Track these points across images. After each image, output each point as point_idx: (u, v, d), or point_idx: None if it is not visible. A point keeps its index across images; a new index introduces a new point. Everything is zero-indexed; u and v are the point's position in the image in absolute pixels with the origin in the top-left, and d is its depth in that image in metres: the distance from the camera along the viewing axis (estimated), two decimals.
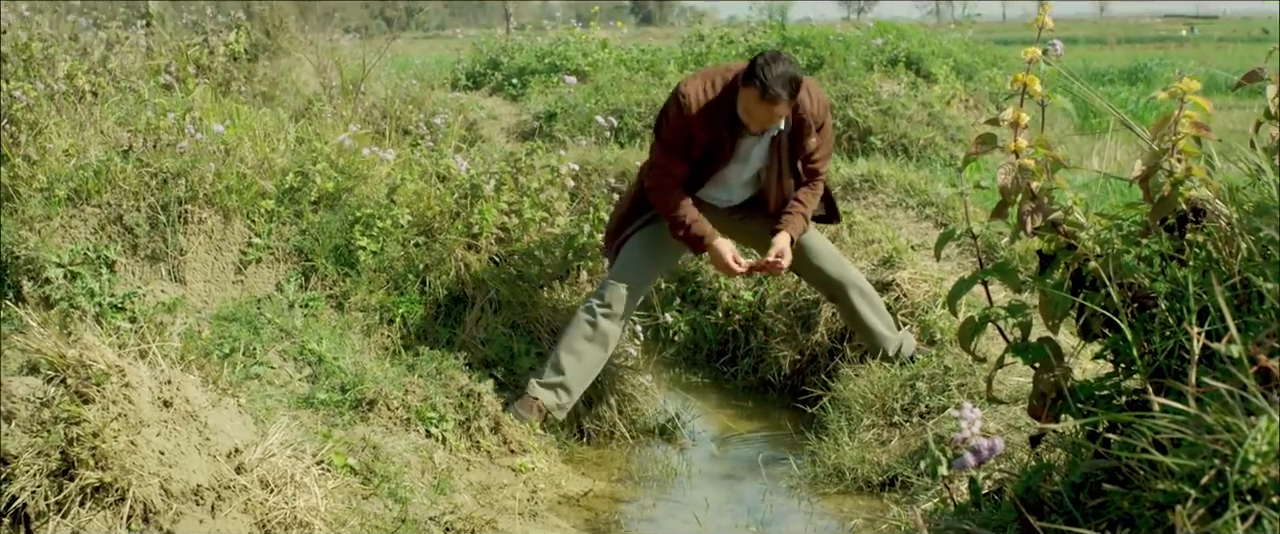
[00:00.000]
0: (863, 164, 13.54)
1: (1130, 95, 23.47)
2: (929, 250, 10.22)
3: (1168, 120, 4.57)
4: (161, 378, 5.11)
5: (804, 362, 10.00)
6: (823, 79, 17.21)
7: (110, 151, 9.21)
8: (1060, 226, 4.75)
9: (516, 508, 7.03)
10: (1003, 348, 4.99)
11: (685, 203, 7.99)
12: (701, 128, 7.78)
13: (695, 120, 7.76)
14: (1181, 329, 3.99)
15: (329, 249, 8.99)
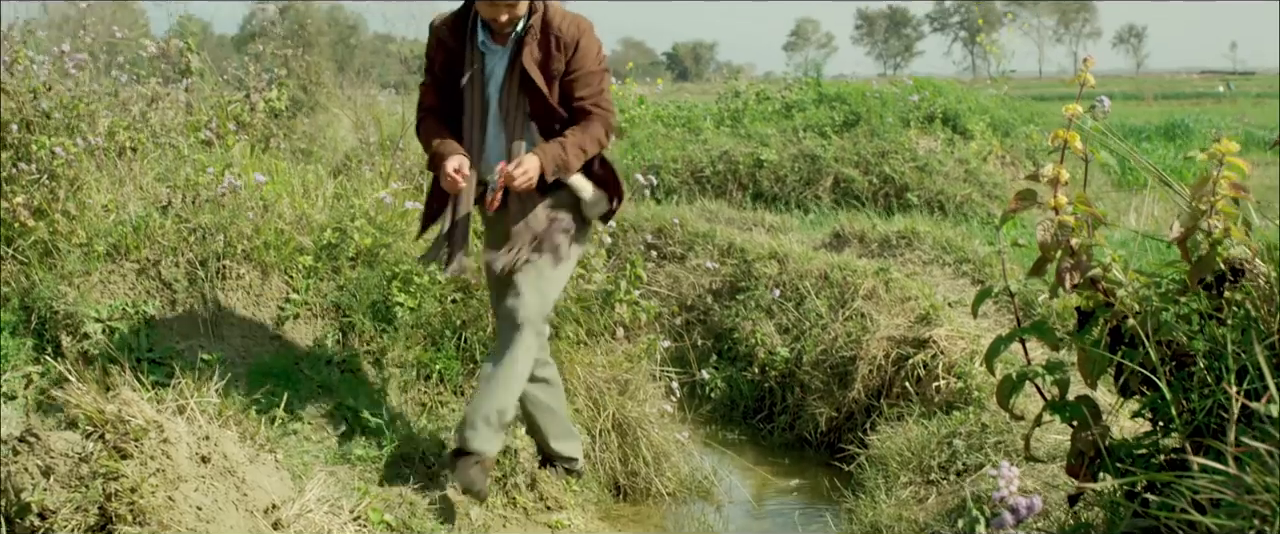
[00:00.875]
0: (900, 220, 13.56)
1: (1167, 152, 23.42)
2: (966, 307, 10.20)
3: (1206, 181, 4.56)
4: (199, 433, 5.12)
5: (840, 418, 9.99)
6: (859, 135, 17.24)
7: (149, 207, 9.25)
8: (1099, 284, 4.74)
9: None
10: (1041, 406, 4.98)
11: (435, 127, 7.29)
12: (444, 38, 7.17)
13: (438, 32, 7.20)
14: (1220, 388, 3.97)
15: (366, 305, 9.01)
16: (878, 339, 10.05)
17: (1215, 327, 4.30)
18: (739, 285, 11.75)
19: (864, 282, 10.80)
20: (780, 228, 14.19)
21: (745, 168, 16.90)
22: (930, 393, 9.24)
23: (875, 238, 12.86)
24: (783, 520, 8.61)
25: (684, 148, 17.47)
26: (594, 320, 9.27)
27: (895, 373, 9.77)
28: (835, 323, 10.55)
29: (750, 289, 11.56)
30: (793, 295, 11.22)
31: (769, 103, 19.91)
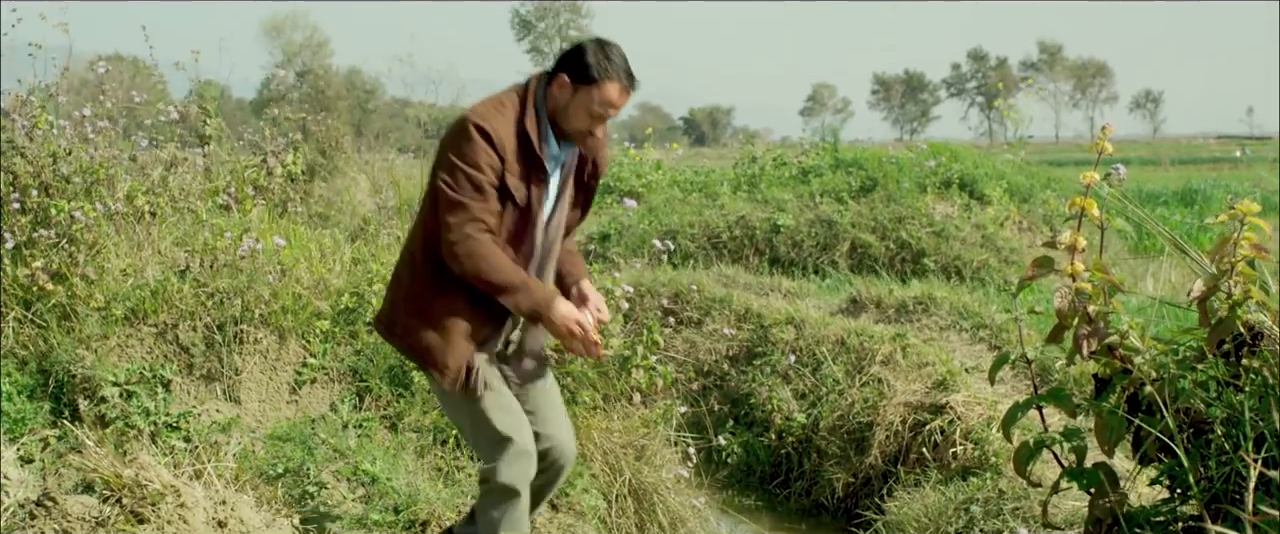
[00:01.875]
0: (916, 286, 13.56)
1: (1184, 217, 23.43)
2: (983, 373, 10.19)
3: (1227, 242, 4.57)
4: (216, 498, 5.13)
5: (857, 484, 9.98)
6: (876, 200, 17.27)
7: (167, 271, 9.28)
8: (1116, 351, 4.74)
9: None
10: (1058, 472, 4.97)
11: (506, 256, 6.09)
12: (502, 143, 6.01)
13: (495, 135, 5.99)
14: (1238, 456, 3.97)
15: (383, 370, 9.01)
16: (894, 405, 10.04)
17: (1233, 394, 4.30)
18: (755, 350, 11.75)
19: (881, 347, 10.80)
20: (797, 293, 14.20)
21: (762, 233, 16.92)
22: (947, 459, 9.23)
23: (892, 303, 12.86)
24: None
25: (701, 213, 17.51)
26: (611, 385, 9.26)
27: (912, 439, 9.76)
28: (852, 388, 10.54)
29: (767, 354, 11.56)
30: (809, 361, 11.22)
31: (786, 168, 19.96)
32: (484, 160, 5.89)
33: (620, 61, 6.09)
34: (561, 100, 6.07)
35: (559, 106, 6.08)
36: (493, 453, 6.04)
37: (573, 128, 6.12)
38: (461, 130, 5.92)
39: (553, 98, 6.09)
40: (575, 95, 6.04)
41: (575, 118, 6.09)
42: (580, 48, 6.09)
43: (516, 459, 6.04)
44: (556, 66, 6.10)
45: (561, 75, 6.05)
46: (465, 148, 5.90)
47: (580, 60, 6.04)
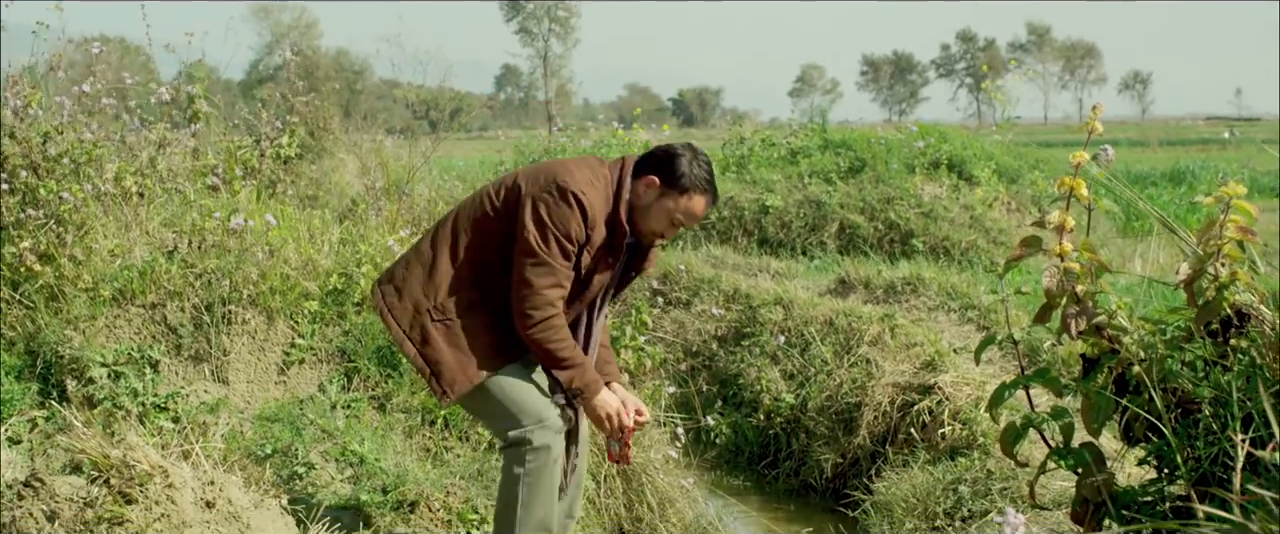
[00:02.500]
0: (905, 267, 13.58)
1: (1173, 197, 23.46)
2: (971, 353, 10.20)
3: (1213, 224, 4.57)
4: (204, 478, 5.13)
5: (846, 464, 9.99)
6: (864, 182, 17.27)
7: (155, 252, 9.27)
8: (1104, 331, 4.74)
9: None
10: (1045, 453, 4.98)
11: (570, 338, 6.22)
12: (594, 223, 6.10)
13: (592, 212, 6.07)
14: (1225, 436, 3.97)
15: (372, 350, 9.01)
16: (883, 385, 10.05)
17: (1220, 373, 4.30)
18: (744, 331, 11.76)
19: (869, 328, 10.81)
20: (785, 274, 14.21)
21: (750, 214, 16.92)
22: (935, 439, 9.24)
23: (880, 284, 12.87)
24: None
25: None
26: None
27: (900, 419, 9.77)
28: (840, 369, 10.55)
29: (755, 335, 11.57)
30: (798, 341, 11.23)
31: (774, 149, 19.93)
32: (574, 231, 5.96)
33: (710, 174, 6.19)
34: (646, 199, 6.15)
35: (641, 204, 6.16)
36: (521, 419, 6.04)
37: (648, 228, 6.22)
38: (562, 194, 5.95)
39: (637, 194, 6.15)
40: (660, 199, 6.14)
41: (655, 219, 6.18)
42: (675, 153, 6.16)
43: (544, 426, 6.05)
44: (647, 165, 6.18)
45: (651, 176, 6.13)
46: (562, 212, 5.93)
47: (673, 166, 6.11)
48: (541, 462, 6.02)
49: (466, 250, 6.16)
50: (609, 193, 6.09)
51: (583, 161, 6.21)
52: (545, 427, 6.01)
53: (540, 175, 6.08)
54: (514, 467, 6.02)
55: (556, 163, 6.21)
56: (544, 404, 6.06)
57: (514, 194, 6.10)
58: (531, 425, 5.99)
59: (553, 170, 6.08)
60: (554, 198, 5.94)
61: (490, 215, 6.15)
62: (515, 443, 6.00)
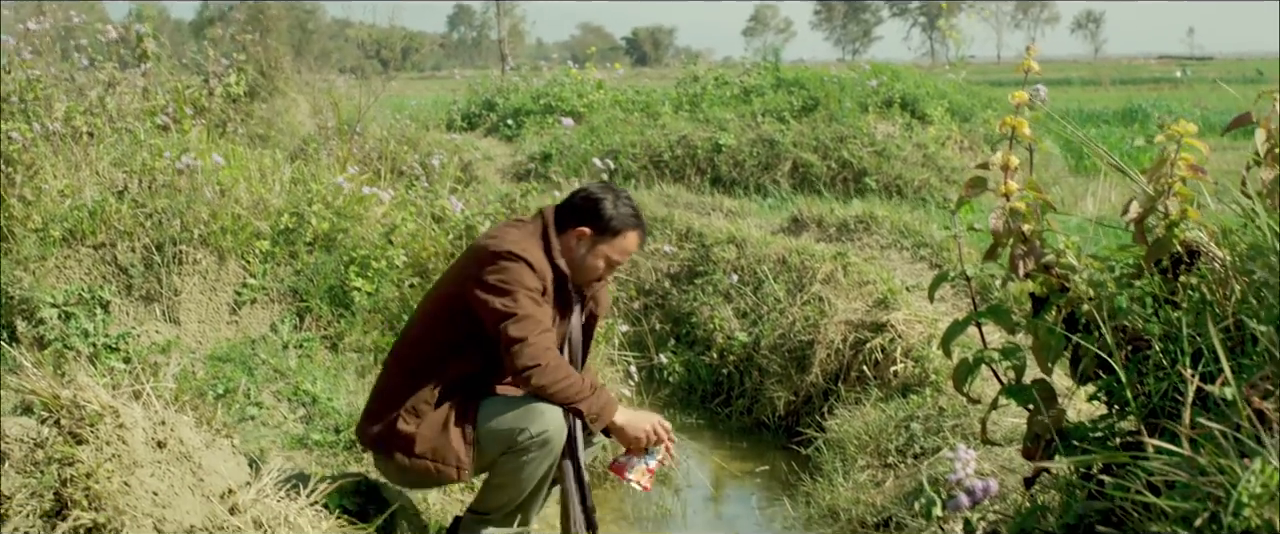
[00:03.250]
0: (858, 205, 13.61)
1: (1125, 136, 23.51)
2: (924, 291, 10.22)
3: (1163, 162, 4.57)
4: (155, 418, 5.10)
5: (799, 402, 10.01)
6: (818, 120, 17.28)
7: (105, 192, 9.22)
8: (1053, 269, 4.75)
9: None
10: (997, 389, 4.99)
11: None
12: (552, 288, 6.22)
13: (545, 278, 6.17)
14: (1175, 371, 3.99)
15: (323, 290, 8.99)
16: (835, 323, 10.06)
17: (1170, 310, 4.32)
18: (697, 270, 11.76)
19: (822, 266, 10.82)
20: (738, 212, 14.22)
21: (703, 152, 16.91)
22: (888, 377, 9.26)
23: (833, 222, 12.89)
24: (741, 505, 8.62)
25: (642, 132, 17.48)
26: None
27: (853, 357, 9.79)
28: (793, 307, 10.57)
29: (708, 273, 11.58)
30: (751, 280, 11.24)
31: (727, 88, 19.93)
32: (530, 281, 6.05)
33: (634, 208, 6.38)
34: (580, 251, 6.30)
35: (576, 257, 6.31)
36: (520, 419, 6.11)
37: (587, 276, 6.38)
38: (502, 256, 6.05)
39: (569, 247, 6.28)
40: (595, 246, 6.29)
41: (592, 267, 6.34)
42: (596, 199, 6.30)
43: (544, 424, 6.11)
44: (571, 216, 6.31)
45: (581, 228, 6.26)
46: (514, 271, 6.03)
47: (599, 212, 6.26)
48: (544, 452, 6.14)
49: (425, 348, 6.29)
50: (541, 248, 6.21)
51: (505, 227, 6.38)
52: (545, 423, 6.08)
53: (471, 259, 6.23)
54: (520, 456, 6.13)
55: (480, 238, 6.37)
56: (536, 409, 6.11)
57: (455, 287, 6.23)
58: (535, 429, 6.07)
59: (481, 245, 6.22)
60: (497, 263, 6.05)
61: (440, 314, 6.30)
62: (526, 444, 6.10)
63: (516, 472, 6.16)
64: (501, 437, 6.11)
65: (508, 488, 6.24)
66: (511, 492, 6.25)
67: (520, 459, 6.13)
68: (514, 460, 6.13)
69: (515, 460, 6.13)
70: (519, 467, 6.16)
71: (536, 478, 6.24)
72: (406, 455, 6.13)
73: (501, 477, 6.21)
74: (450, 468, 6.13)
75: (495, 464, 6.18)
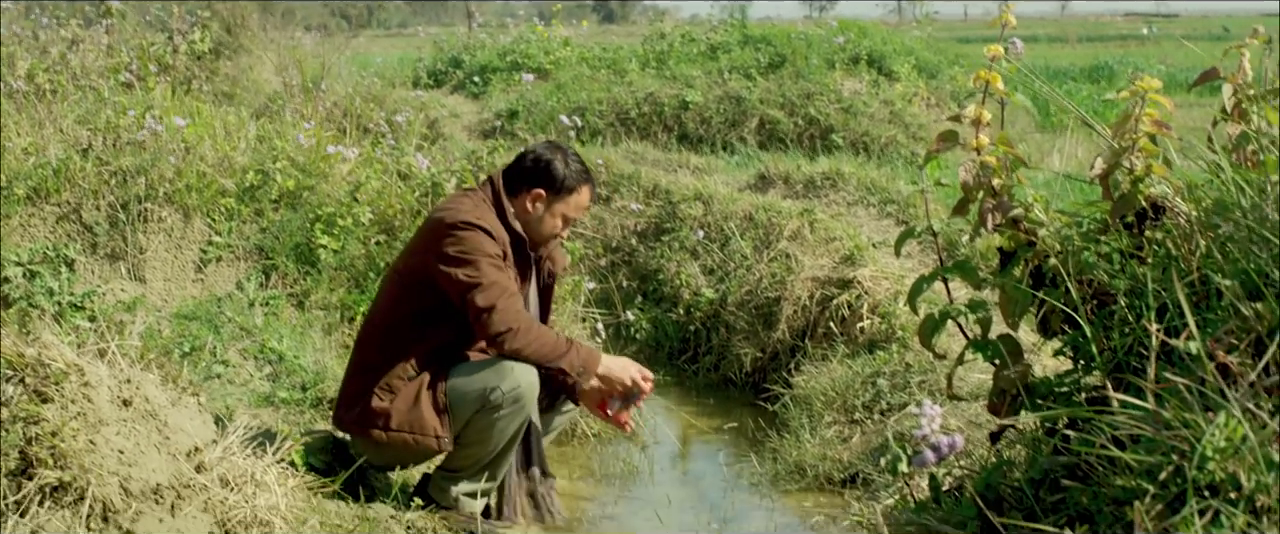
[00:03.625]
0: (824, 162, 13.60)
1: (1091, 93, 23.52)
2: (890, 248, 10.24)
3: (1129, 118, 4.58)
4: (121, 377, 5.08)
5: (765, 359, 10.02)
6: (784, 77, 17.26)
7: (70, 150, 9.17)
8: (1021, 224, 4.76)
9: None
10: (963, 345, 5.00)
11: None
12: (511, 253, 6.30)
13: (503, 244, 6.23)
14: (1141, 326, 4.00)
15: (289, 247, 8.97)
16: (802, 280, 10.07)
17: (1136, 265, 4.33)
18: (664, 227, 11.76)
19: (789, 223, 10.82)
20: (705, 169, 14.21)
21: (670, 109, 16.88)
22: (855, 333, 9.28)
23: (800, 179, 12.89)
24: (708, 460, 8.63)
25: (609, 90, 17.44)
26: None
27: (820, 313, 9.80)
28: (760, 264, 10.57)
29: (675, 230, 11.58)
30: (717, 236, 11.24)
31: (694, 44, 19.91)
32: (492, 249, 6.11)
33: (583, 163, 6.51)
34: (536, 212, 6.39)
35: (532, 218, 6.40)
36: (490, 378, 6.16)
37: (544, 235, 6.48)
38: (462, 228, 6.10)
39: (524, 209, 6.38)
40: (551, 205, 6.39)
41: (549, 226, 6.44)
42: (545, 159, 6.39)
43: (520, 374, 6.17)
44: (522, 178, 6.40)
45: (536, 190, 6.35)
46: (473, 241, 6.09)
47: (551, 172, 6.35)
48: (515, 409, 6.18)
49: (389, 323, 6.34)
50: (495, 214, 6.29)
51: (456, 198, 6.46)
52: (516, 379, 6.13)
53: (428, 234, 6.27)
54: (492, 414, 6.17)
55: (435, 210, 6.43)
56: (506, 366, 6.17)
57: (417, 261, 6.30)
58: (506, 386, 6.11)
59: (436, 219, 6.26)
60: (454, 235, 6.10)
61: (406, 291, 6.34)
62: (497, 401, 6.14)
63: (488, 429, 6.21)
64: (473, 397, 6.16)
65: (479, 445, 6.29)
66: (482, 449, 6.30)
67: (491, 417, 6.17)
68: (486, 418, 6.17)
69: (487, 418, 6.17)
70: (490, 424, 6.20)
71: (508, 435, 6.29)
72: (383, 430, 6.17)
73: (473, 434, 6.25)
74: (429, 439, 6.18)
75: (468, 423, 6.22)
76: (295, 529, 5.42)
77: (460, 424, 6.24)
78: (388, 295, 6.46)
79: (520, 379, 6.13)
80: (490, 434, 6.23)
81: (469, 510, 6.47)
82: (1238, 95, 4.58)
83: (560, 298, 9.13)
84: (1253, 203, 4.03)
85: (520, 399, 6.15)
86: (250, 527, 5.17)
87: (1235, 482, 3.18)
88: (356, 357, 6.47)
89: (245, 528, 5.15)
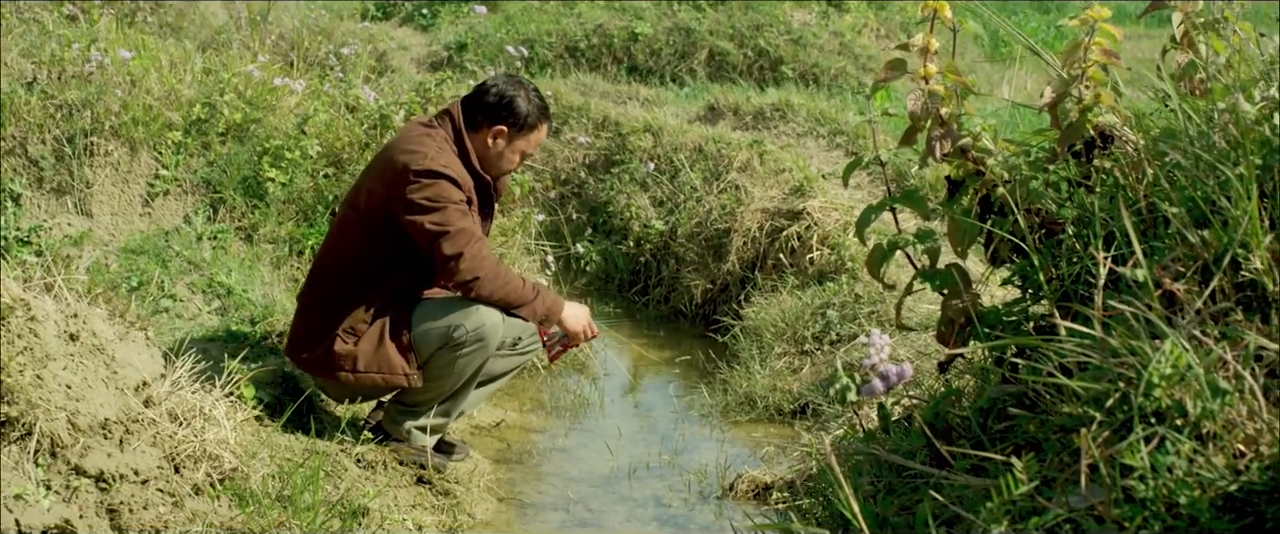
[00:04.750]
0: (774, 93, 13.60)
1: (1041, 23, 23.52)
2: (839, 179, 10.25)
3: (1077, 47, 4.58)
4: (68, 312, 5.06)
5: (715, 290, 10.05)
6: (734, 9, 17.21)
7: (14, 83, 9.09)
8: (969, 153, 4.76)
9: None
10: (912, 275, 5.01)
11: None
12: (472, 193, 6.41)
13: (465, 185, 6.34)
14: (1088, 254, 4.01)
15: (237, 181, 8.92)
16: (752, 211, 10.09)
17: (1084, 194, 4.33)
18: (613, 159, 11.75)
19: (738, 154, 10.83)
20: (655, 101, 14.19)
21: (620, 41, 16.83)
22: (804, 264, 9.30)
23: (749, 111, 12.89)
24: (659, 392, 8.65)
25: (558, 21, 17.38)
26: None
27: (769, 245, 9.82)
28: (710, 196, 10.58)
29: (625, 162, 11.57)
30: (667, 168, 11.24)
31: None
32: (457, 196, 6.23)
33: (542, 98, 6.63)
34: (497, 148, 6.53)
35: (492, 153, 6.54)
36: (455, 316, 6.31)
37: (501, 170, 6.67)
38: (427, 176, 6.19)
39: (485, 145, 6.51)
40: (512, 142, 6.54)
41: (509, 160, 6.62)
42: (507, 96, 6.48)
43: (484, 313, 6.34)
44: (484, 113, 6.49)
45: (498, 127, 6.48)
46: (439, 188, 6.19)
47: (514, 109, 6.47)
48: (478, 352, 6.36)
49: (350, 260, 6.42)
50: (458, 152, 6.41)
51: (416, 135, 6.46)
52: (480, 318, 6.30)
53: (390, 177, 6.31)
54: (455, 351, 6.31)
55: (395, 150, 6.43)
56: (470, 305, 6.32)
57: (378, 204, 6.34)
58: (470, 324, 6.27)
59: (400, 163, 6.28)
60: (421, 183, 6.18)
61: (367, 231, 6.39)
62: (461, 339, 6.29)
63: (449, 365, 6.33)
64: (437, 335, 6.29)
65: (438, 381, 6.42)
66: (440, 385, 6.44)
67: (454, 354, 6.30)
68: (448, 354, 6.30)
69: (449, 354, 6.30)
70: (452, 361, 6.32)
71: (468, 372, 6.42)
72: (351, 373, 6.27)
73: (434, 370, 6.38)
74: (398, 377, 6.32)
75: (429, 360, 6.34)
76: (244, 462, 5.41)
77: (422, 360, 6.34)
78: (346, 235, 6.49)
79: (484, 318, 6.26)
80: (451, 371, 6.35)
81: (420, 444, 6.53)
82: (1186, 23, 4.58)
83: (510, 230, 9.12)
84: (1200, 131, 4.04)
85: (483, 338, 6.28)
86: (200, 460, 5.16)
87: (1181, 408, 3.19)
88: (311, 293, 6.50)
89: (195, 462, 5.14)
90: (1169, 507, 3.08)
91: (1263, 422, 3.16)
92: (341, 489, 5.82)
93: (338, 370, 6.26)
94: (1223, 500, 3.06)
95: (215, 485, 5.22)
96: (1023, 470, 3.32)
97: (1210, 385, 3.20)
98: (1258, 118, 3.92)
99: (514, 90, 6.49)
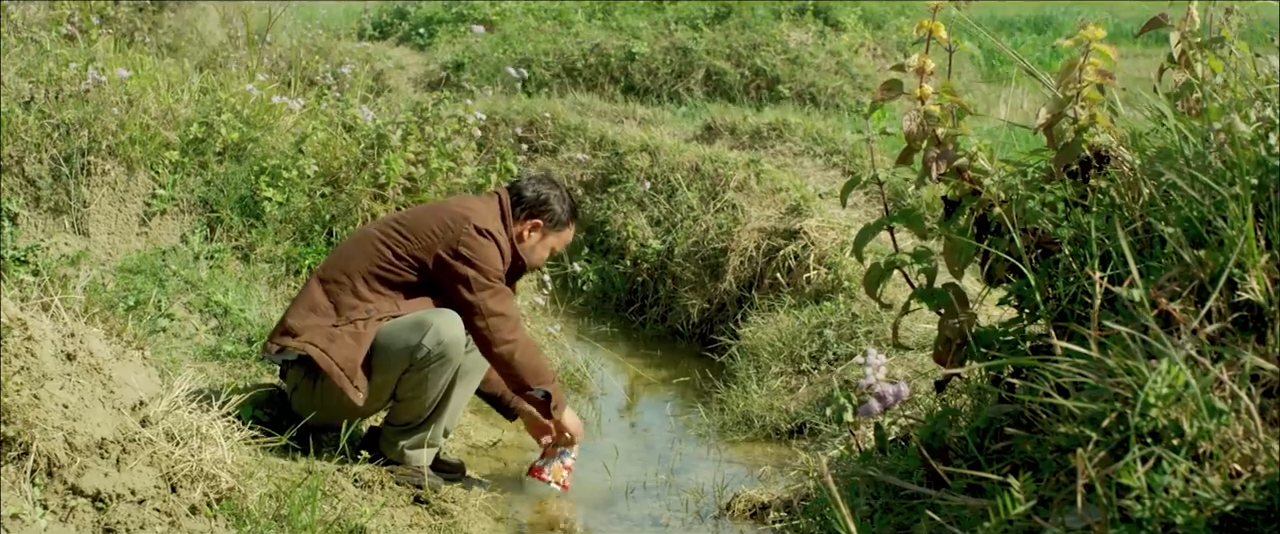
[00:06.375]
0: (770, 113, 13.62)
1: (1037, 44, 23.56)
2: (836, 198, 10.25)
3: (1073, 67, 4.59)
4: (65, 331, 5.06)
5: (712, 310, 10.05)
6: (731, 28, 17.24)
7: (11, 103, 9.09)
8: (965, 173, 4.77)
9: None
10: (909, 294, 5.01)
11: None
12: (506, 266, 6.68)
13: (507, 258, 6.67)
14: (1084, 274, 4.01)
15: (234, 200, 8.92)
16: (749, 231, 10.10)
17: (1080, 214, 4.34)
18: (611, 178, 11.76)
19: (735, 173, 10.84)
20: (652, 120, 14.22)
21: (617, 61, 16.85)
22: (801, 283, 9.30)
23: (746, 130, 12.90)
24: (656, 411, 8.65)
25: (555, 41, 17.41)
26: None
27: (766, 264, 9.82)
28: (706, 215, 10.59)
29: (622, 182, 11.58)
30: (664, 188, 11.25)
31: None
32: (500, 265, 6.57)
33: (573, 204, 7.12)
34: (531, 241, 6.93)
35: (527, 246, 6.90)
36: (413, 336, 6.37)
37: (533, 261, 7.02)
38: (485, 236, 6.53)
39: (522, 237, 6.88)
40: (545, 237, 6.95)
41: (539, 255, 7.02)
42: (544, 197, 6.89)
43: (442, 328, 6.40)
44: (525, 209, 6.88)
45: (536, 221, 6.89)
46: (491, 251, 6.52)
47: (550, 208, 6.89)
48: (442, 363, 6.43)
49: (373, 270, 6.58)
50: (506, 236, 6.72)
51: (479, 201, 6.87)
52: (438, 334, 6.35)
53: (443, 223, 6.58)
54: (420, 371, 6.40)
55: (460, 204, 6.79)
56: (426, 322, 6.39)
57: (420, 245, 6.57)
58: (429, 342, 6.33)
59: (457, 214, 6.61)
60: (479, 240, 6.51)
61: (396, 258, 6.57)
62: (413, 361, 6.36)
63: (420, 384, 6.42)
64: (399, 358, 6.37)
65: (415, 401, 6.51)
66: (419, 405, 6.53)
67: (421, 374, 6.39)
68: (415, 375, 6.39)
69: (416, 375, 6.39)
70: (422, 379, 6.41)
71: (440, 388, 6.53)
72: (324, 351, 6.33)
73: (406, 391, 6.48)
74: (348, 384, 6.32)
75: (400, 381, 6.43)
76: (242, 482, 5.41)
77: (393, 383, 6.45)
78: (376, 255, 6.60)
79: (442, 333, 6.34)
80: (423, 389, 6.45)
81: (416, 464, 6.58)
82: (1183, 42, 4.60)
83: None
84: (1196, 150, 4.05)
85: (445, 354, 6.37)
86: (196, 480, 5.16)
87: (1178, 428, 3.20)
88: (312, 298, 6.51)
89: (192, 481, 5.14)
90: (1165, 527, 3.08)
91: (1259, 442, 3.16)
92: (339, 509, 5.81)
93: (310, 343, 6.28)
94: (1219, 520, 3.06)
95: (212, 505, 5.21)
96: (1019, 490, 3.33)
97: (1207, 405, 3.20)
98: (1253, 138, 3.93)
99: (549, 190, 6.90)
